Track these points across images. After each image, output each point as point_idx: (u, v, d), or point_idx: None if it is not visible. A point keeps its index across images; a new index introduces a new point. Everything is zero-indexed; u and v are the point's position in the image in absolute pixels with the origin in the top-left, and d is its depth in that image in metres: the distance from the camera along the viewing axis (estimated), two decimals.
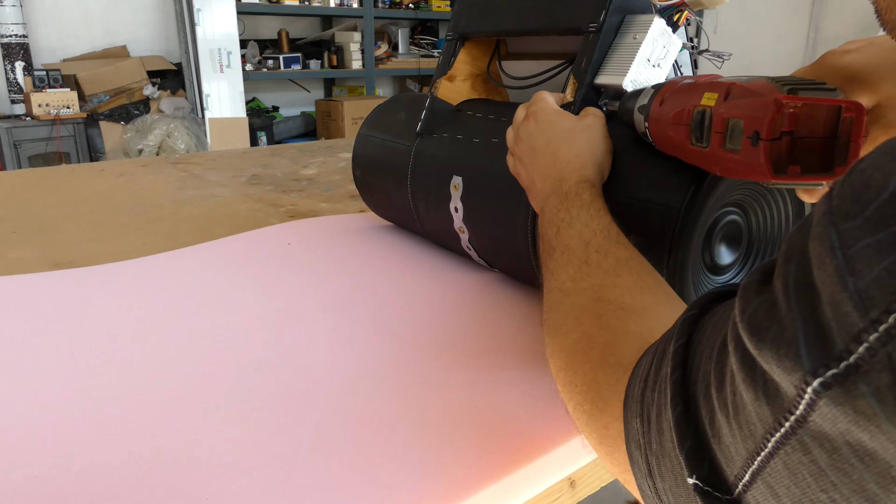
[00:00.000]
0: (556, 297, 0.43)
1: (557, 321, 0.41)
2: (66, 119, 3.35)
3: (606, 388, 0.34)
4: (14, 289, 0.73)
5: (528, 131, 0.57)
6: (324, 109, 4.30)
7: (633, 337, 0.36)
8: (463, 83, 0.78)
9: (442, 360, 0.55)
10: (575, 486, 0.46)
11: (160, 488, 0.40)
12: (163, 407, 0.49)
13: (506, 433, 0.45)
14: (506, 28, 0.70)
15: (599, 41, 0.58)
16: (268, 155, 1.63)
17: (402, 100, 0.87)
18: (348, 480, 0.40)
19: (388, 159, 0.81)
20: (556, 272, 0.45)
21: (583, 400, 0.36)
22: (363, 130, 0.89)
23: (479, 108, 0.73)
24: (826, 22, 4.53)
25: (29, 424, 0.47)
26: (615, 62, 0.58)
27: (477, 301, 0.68)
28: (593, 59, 0.58)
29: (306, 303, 0.68)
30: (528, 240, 0.61)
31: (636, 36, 0.57)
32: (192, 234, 0.95)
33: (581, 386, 0.36)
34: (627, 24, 0.58)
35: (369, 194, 0.90)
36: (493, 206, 0.65)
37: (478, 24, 0.73)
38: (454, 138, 0.72)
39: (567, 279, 0.43)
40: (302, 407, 0.49)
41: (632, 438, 0.30)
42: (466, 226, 0.70)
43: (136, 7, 3.85)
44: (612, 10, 0.58)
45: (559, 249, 0.46)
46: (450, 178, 0.70)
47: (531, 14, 0.66)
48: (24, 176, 1.40)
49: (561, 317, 0.41)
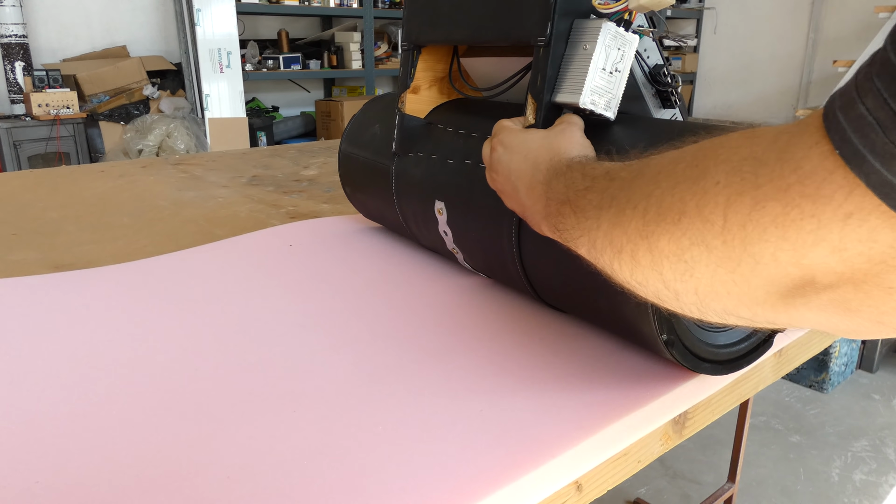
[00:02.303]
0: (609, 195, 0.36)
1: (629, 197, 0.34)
2: (65, 119, 3.35)
3: (769, 148, 0.27)
4: (14, 291, 0.73)
5: (500, 161, 0.53)
6: (324, 109, 4.30)
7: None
8: (429, 91, 0.75)
9: (447, 363, 0.55)
10: (582, 490, 0.45)
11: (162, 493, 0.40)
12: (165, 410, 0.49)
13: (512, 437, 0.45)
14: (456, 38, 0.67)
15: (550, 55, 0.54)
16: (268, 155, 1.62)
17: (376, 108, 0.85)
18: (353, 485, 0.40)
19: (372, 178, 0.81)
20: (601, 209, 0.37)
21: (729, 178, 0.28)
22: (343, 147, 0.88)
23: (450, 120, 0.71)
24: (826, 22, 4.53)
25: (30, 428, 0.47)
26: (570, 77, 0.54)
27: (482, 304, 0.67)
28: (548, 76, 0.54)
29: (309, 305, 0.68)
30: (516, 266, 0.61)
31: (587, 46, 0.53)
32: (192, 235, 0.94)
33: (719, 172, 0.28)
34: (576, 31, 0.54)
35: (363, 209, 0.91)
36: (479, 230, 0.64)
37: (429, 34, 0.70)
38: (430, 158, 0.70)
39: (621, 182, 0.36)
40: (305, 410, 0.48)
41: (856, 130, 0.24)
42: (458, 247, 0.70)
43: (136, 7, 3.85)
44: (558, 20, 0.54)
45: (592, 207, 0.38)
46: (433, 202, 0.69)
47: (479, 25, 0.62)
48: (24, 177, 1.39)
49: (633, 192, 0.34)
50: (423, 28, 0.70)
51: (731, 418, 1.33)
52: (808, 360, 0.65)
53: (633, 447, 0.48)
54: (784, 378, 2.15)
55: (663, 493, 1.67)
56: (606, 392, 0.50)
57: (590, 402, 0.49)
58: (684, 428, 0.52)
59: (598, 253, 0.37)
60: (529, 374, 0.53)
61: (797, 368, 2.12)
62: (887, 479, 1.71)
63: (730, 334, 0.52)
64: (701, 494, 1.65)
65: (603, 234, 0.36)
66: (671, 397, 0.50)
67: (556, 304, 0.62)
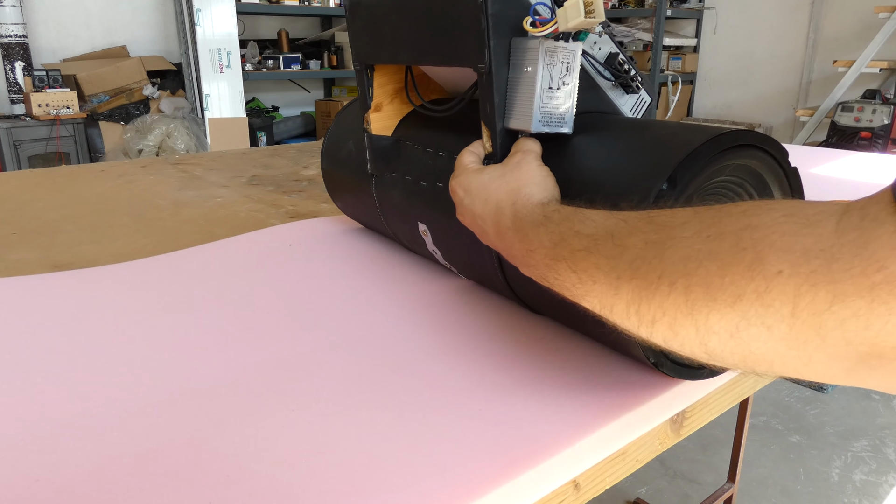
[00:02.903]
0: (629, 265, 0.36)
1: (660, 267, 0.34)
2: (65, 119, 3.35)
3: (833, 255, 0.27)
4: (14, 290, 0.73)
5: (463, 204, 0.53)
6: (324, 109, 4.30)
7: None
8: (391, 105, 0.73)
9: (445, 362, 0.55)
10: (579, 489, 0.45)
11: (162, 493, 0.40)
12: (164, 409, 0.49)
13: (510, 436, 0.45)
14: (401, 59, 0.65)
15: (494, 81, 0.52)
16: (268, 155, 1.62)
17: (347, 119, 0.84)
18: (352, 483, 0.40)
19: (357, 195, 0.81)
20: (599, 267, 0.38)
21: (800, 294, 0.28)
22: (325, 165, 0.88)
23: (418, 137, 0.70)
24: (826, 22, 4.53)
25: (30, 427, 0.47)
26: (519, 102, 0.52)
27: (480, 304, 0.67)
28: (496, 103, 0.53)
29: (308, 304, 0.68)
30: (507, 289, 0.61)
31: (528, 68, 0.51)
32: (192, 235, 0.95)
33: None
34: (516, 51, 0.52)
35: (359, 221, 0.91)
36: (463, 253, 0.64)
37: (375, 55, 0.68)
38: (404, 179, 0.70)
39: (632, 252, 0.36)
40: (304, 409, 0.48)
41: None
42: (450, 264, 0.70)
43: (136, 7, 3.85)
44: (494, 44, 0.51)
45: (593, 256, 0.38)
46: (416, 224, 0.69)
47: (420, 48, 0.61)
48: (23, 177, 1.39)
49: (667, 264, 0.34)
50: (370, 48, 0.68)
51: (731, 418, 1.33)
52: None
53: (631, 446, 0.48)
54: (784, 378, 2.15)
55: (663, 493, 1.67)
56: (604, 391, 0.50)
57: (587, 401, 0.49)
58: (682, 427, 0.53)
59: (617, 317, 0.37)
60: (527, 374, 0.53)
61: None
62: (887, 479, 1.71)
63: None
64: (701, 494, 1.65)
65: (625, 303, 0.36)
66: (668, 396, 0.50)
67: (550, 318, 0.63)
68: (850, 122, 3.69)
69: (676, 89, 5.06)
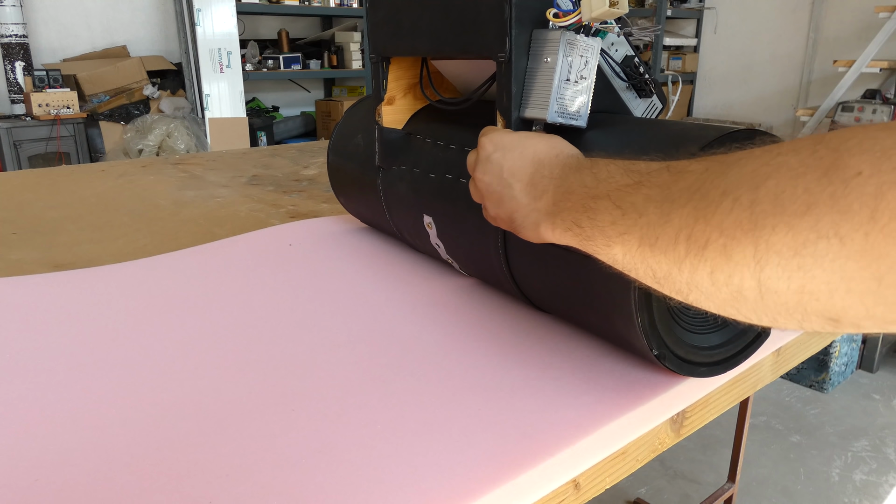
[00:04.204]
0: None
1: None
2: (66, 119, 3.35)
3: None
4: (15, 290, 0.73)
5: (491, 160, 0.50)
6: (324, 109, 4.30)
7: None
8: (404, 100, 0.74)
9: (446, 362, 0.55)
10: (580, 489, 0.45)
11: (162, 492, 0.40)
12: (165, 409, 0.49)
13: (510, 436, 0.45)
14: (420, 50, 0.66)
15: (513, 71, 0.53)
16: (268, 155, 1.62)
17: (357, 115, 0.85)
18: (352, 483, 0.40)
19: (361, 190, 0.81)
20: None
21: None
22: (330, 158, 0.88)
23: (429, 130, 0.71)
24: (826, 22, 4.53)
25: (30, 427, 0.47)
26: (536, 92, 0.53)
27: (480, 304, 0.67)
28: (513, 92, 0.54)
29: (309, 304, 0.68)
30: (509, 281, 0.61)
31: (548, 59, 0.52)
32: (192, 234, 0.95)
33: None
34: (536, 42, 0.53)
35: (359, 216, 0.91)
36: (468, 245, 0.64)
37: (394, 47, 0.69)
38: (413, 171, 0.70)
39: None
40: (304, 409, 0.48)
41: None
42: (452, 258, 0.70)
43: (136, 7, 3.85)
44: (515, 34, 0.52)
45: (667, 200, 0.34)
46: (422, 216, 0.69)
47: (440, 39, 0.61)
48: (24, 177, 1.39)
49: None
50: (388, 40, 0.69)
51: (732, 418, 1.33)
52: (807, 359, 0.65)
53: (631, 446, 0.48)
54: (784, 378, 2.15)
55: (663, 493, 1.67)
56: (604, 391, 0.50)
57: (587, 400, 0.49)
58: (682, 427, 0.53)
59: (659, 251, 0.34)
60: (527, 374, 0.53)
61: (797, 368, 2.12)
62: (887, 479, 1.71)
63: (724, 332, 0.52)
64: (701, 494, 1.65)
65: (675, 229, 0.33)
66: (669, 396, 0.50)
67: (551, 313, 0.63)
68: (851, 122, 3.69)
69: (676, 89, 5.06)
